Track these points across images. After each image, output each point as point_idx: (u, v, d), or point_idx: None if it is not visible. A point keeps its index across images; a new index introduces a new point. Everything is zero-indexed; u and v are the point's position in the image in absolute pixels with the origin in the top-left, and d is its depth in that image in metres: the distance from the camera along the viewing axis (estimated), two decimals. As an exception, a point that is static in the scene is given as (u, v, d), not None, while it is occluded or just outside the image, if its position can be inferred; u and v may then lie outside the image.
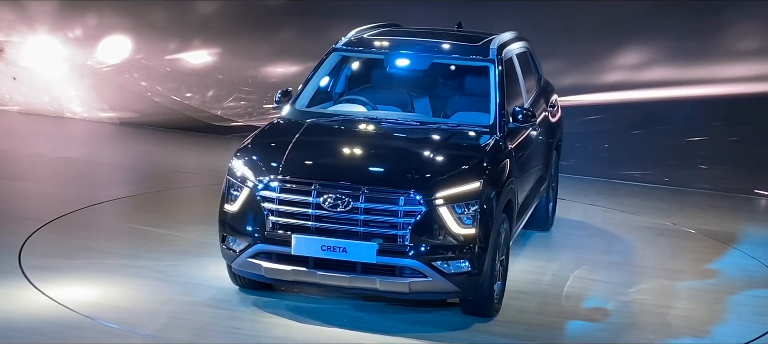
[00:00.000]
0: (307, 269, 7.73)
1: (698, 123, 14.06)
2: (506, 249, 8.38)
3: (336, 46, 9.54)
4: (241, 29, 15.57)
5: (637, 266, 10.02)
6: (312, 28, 15.05)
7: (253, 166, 7.99)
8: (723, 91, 14.08)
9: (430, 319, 8.12)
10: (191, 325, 7.81)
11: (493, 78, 8.99)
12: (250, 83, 15.46)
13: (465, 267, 7.70)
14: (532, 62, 10.67)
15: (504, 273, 8.39)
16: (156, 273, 8.79)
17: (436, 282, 7.66)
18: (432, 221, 7.62)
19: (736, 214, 12.39)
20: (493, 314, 8.18)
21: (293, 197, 7.76)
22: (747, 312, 8.85)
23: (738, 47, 14.08)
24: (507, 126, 8.71)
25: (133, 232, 10.01)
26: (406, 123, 8.81)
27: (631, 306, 8.84)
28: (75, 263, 8.93)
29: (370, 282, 7.67)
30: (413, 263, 7.61)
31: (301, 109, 9.04)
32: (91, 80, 15.90)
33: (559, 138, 11.11)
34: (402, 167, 7.89)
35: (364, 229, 7.64)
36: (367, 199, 7.64)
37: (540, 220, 10.69)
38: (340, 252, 7.62)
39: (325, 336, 7.68)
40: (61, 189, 11.73)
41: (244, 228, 7.90)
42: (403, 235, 7.60)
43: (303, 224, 7.73)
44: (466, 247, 7.68)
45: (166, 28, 15.76)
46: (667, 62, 14.15)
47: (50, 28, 15.94)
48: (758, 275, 9.92)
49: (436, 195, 7.66)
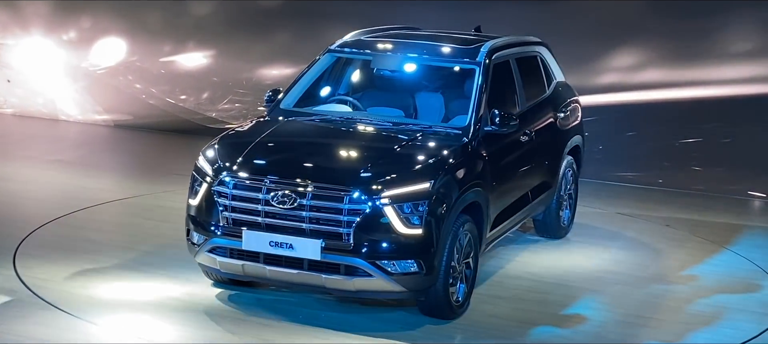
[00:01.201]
0: (258, 264, 7.83)
1: (692, 124, 14.07)
2: (474, 252, 8.35)
3: (331, 47, 9.62)
4: (236, 31, 15.57)
5: (629, 268, 10.01)
6: (307, 30, 15.05)
7: (212, 162, 8.15)
8: (717, 92, 14.09)
9: (390, 318, 8.16)
10: (187, 327, 7.81)
11: (476, 81, 8.97)
12: (245, 85, 15.45)
13: (412, 268, 7.73)
14: (543, 67, 10.49)
15: (473, 276, 8.38)
16: (150, 276, 8.79)
17: (380, 282, 7.70)
18: (377, 220, 7.67)
19: (730, 216, 12.40)
20: (453, 316, 8.17)
21: (245, 193, 7.87)
22: (742, 313, 8.86)
23: (732, 49, 14.10)
24: (482, 129, 8.67)
25: (128, 235, 10.01)
26: (378, 123, 8.83)
27: (614, 310, 8.80)
28: (70, 265, 8.93)
29: (317, 279, 7.76)
30: (357, 261, 7.66)
31: (285, 109, 9.15)
32: (86, 82, 15.89)
33: (575, 144, 10.77)
34: (351, 166, 8.01)
35: (311, 226, 7.70)
36: (313, 197, 7.72)
37: (551, 228, 10.52)
38: (287, 248, 7.72)
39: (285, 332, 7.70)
40: (56, 192, 11.73)
41: (202, 223, 8.05)
42: (348, 233, 7.65)
43: (253, 220, 7.81)
44: (412, 247, 7.71)
45: (161, 31, 15.76)
46: (661, 64, 14.17)
47: (45, 31, 15.93)
48: (753, 276, 9.93)
49: (382, 194, 7.69)
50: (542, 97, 10.26)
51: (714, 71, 14.13)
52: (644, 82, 14.15)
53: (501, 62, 9.45)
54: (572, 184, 10.79)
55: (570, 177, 10.70)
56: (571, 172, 10.71)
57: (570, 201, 10.78)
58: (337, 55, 9.62)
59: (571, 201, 10.80)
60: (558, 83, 10.72)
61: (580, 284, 9.39)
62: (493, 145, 8.78)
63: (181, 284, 8.62)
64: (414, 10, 14.22)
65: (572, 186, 10.80)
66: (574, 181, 10.83)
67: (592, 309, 8.74)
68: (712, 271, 10.03)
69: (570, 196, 10.76)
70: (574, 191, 10.88)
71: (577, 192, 10.95)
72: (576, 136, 10.82)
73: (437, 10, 14.23)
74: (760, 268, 10.15)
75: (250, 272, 7.93)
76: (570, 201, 10.78)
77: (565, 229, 10.73)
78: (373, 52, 9.50)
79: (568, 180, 10.62)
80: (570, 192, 10.74)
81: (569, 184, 10.69)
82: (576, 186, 10.92)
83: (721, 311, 8.88)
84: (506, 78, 9.54)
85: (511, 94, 9.57)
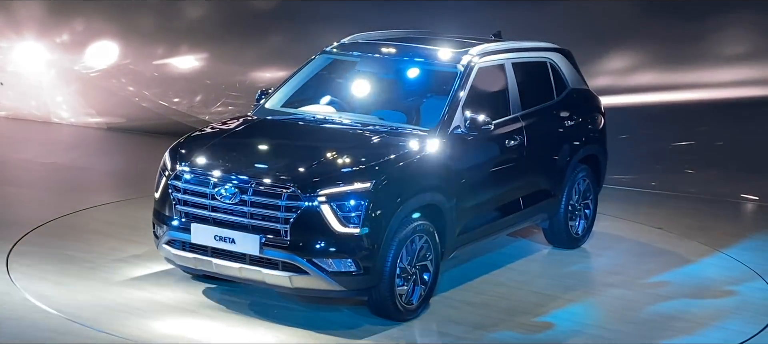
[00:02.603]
0: (206, 257, 8.01)
1: (685, 127, 14.10)
2: (434, 255, 8.31)
3: (325, 49, 9.73)
4: (229, 34, 15.57)
5: (619, 273, 10.02)
6: (300, 33, 15.05)
7: (173, 158, 8.36)
8: (710, 95, 14.12)
9: (331, 317, 8.21)
10: (180, 329, 7.81)
11: (453, 84, 8.95)
12: (238, 88, 15.45)
13: (349, 267, 7.77)
14: (554, 74, 10.25)
15: (432, 279, 8.35)
16: (144, 278, 8.79)
17: (316, 279, 7.77)
18: (313, 218, 7.73)
19: (722, 218, 12.42)
20: (403, 318, 8.17)
21: (194, 187, 8.07)
22: (735, 314, 8.87)
23: (724, 52, 14.13)
24: (450, 132, 8.63)
25: (121, 237, 9.99)
26: (346, 124, 8.86)
27: (591, 317, 8.72)
28: (62, 268, 8.92)
29: (257, 274, 7.89)
30: (292, 258, 7.74)
31: (268, 108, 9.28)
32: (79, 85, 15.87)
33: (591, 153, 10.47)
34: (294, 164, 8.05)
35: (252, 222, 7.82)
36: (255, 193, 7.83)
37: (559, 237, 10.31)
38: (230, 242, 7.87)
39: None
40: (49, 195, 11.71)
41: (162, 216, 8.28)
42: (286, 230, 7.73)
43: (202, 214, 8.00)
44: (349, 247, 7.75)
45: (154, 33, 15.75)
46: (654, 67, 14.20)
47: (37, 33, 15.92)
48: (745, 279, 9.94)
49: (319, 192, 7.75)
50: (547, 103, 10.06)
51: (707, 74, 14.16)
52: (637, 85, 14.17)
53: (490, 67, 9.39)
54: (589, 195, 10.53)
55: (584, 187, 10.44)
56: (586, 182, 10.43)
57: (585, 212, 10.49)
58: (329, 57, 9.71)
59: (588, 212, 10.53)
60: (573, 91, 10.45)
61: (562, 291, 9.26)
62: (464, 148, 8.73)
63: (174, 286, 8.62)
64: (408, 13, 14.23)
65: (591, 196, 10.54)
66: (591, 192, 10.56)
67: (567, 318, 8.60)
68: (704, 274, 10.05)
69: (587, 206, 10.50)
70: (592, 201, 10.61)
71: (595, 203, 10.68)
72: (592, 146, 10.50)
73: (429, 12, 14.24)
74: (753, 271, 10.16)
75: (200, 265, 8.11)
76: (585, 211, 10.49)
77: (578, 240, 10.47)
78: (362, 54, 9.56)
79: (580, 190, 10.36)
80: (587, 202, 10.49)
81: (583, 194, 10.42)
82: (595, 197, 10.64)
83: (714, 314, 8.89)
84: (497, 82, 9.46)
85: (502, 98, 9.47)
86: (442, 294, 8.82)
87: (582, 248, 10.56)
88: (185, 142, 8.62)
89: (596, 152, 10.63)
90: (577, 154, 10.23)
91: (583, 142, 10.35)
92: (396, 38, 9.96)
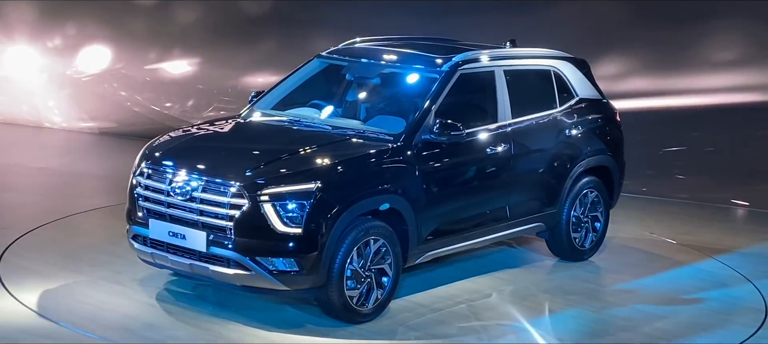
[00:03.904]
0: (162, 252, 8.17)
1: (675, 133, 14.14)
2: (394, 259, 8.28)
3: (321, 54, 9.83)
4: (221, 39, 15.59)
5: (605, 277, 10.04)
6: (292, 37, 15.08)
7: (141, 156, 8.55)
8: (700, 101, 14.18)
9: (285, 316, 8.25)
10: (171, 333, 7.81)
11: (430, 89, 8.92)
12: (230, 93, 15.47)
13: (292, 267, 7.83)
14: (558, 83, 10.03)
15: (392, 283, 8.32)
16: (135, 283, 8.79)
17: (259, 278, 7.85)
18: (256, 217, 7.81)
19: (713, 224, 12.45)
20: (355, 320, 8.17)
21: (153, 184, 8.24)
22: (725, 319, 8.89)
23: (714, 58, 14.19)
24: (417, 136, 8.58)
25: (112, 242, 9.99)
26: (314, 127, 8.91)
27: (568, 325, 8.60)
28: (54, 273, 8.92)
29: (206, 270, 7.97)
30: (235, 255, 7.83)
31: (256, 110, 9.42)
32: (71, 90, 15.87)
33: (600, 164, 10.23)
34: (243, 163, 8.11)
35: (201, 219, 7.95)
36: (204, 190, 7.94)
37: (561, 249, 10.12)
38: (181, 238, 8.02)
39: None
40: (41, 199, 11.70)
41: (129, 212, 8.49)
42: (230, 228, 7.83)
43: (158, 210, 8.17)
44: (291, 246, 7.80)
45: (146, 38, 15.76)
46: (645, 73, 14.25)
47: (29, 38, 15.92)
48: (736, 284, 9.97)
49: (262, 191, 7.81)
50: (546, 112, 9.84)
51: (697, 80, 14.21)
52: (628, 91, 14.21)
53: (475, 73, 9.29)
54: (600, 207, 10.31)
55: (592, 199, 10.21)
56: (594, 194, 10.22)
57: (592, 225, 10.27)
58: (325, 61, 9.77)
59: (597, 225, 10.31)
60: (581, 100, 10.20)
61: (542, 298, 9.15)
62: (434, 154, 8.67)
63: (166, 290, 8.62)
64: (402, 17, 14.26)
65: (601, 209, 10.32)
66: (602, 205, 10.33)
67: (541, 325, 8.48)
68: (694, 280, 10.06)
69: (595, 219, 10.28)
70: (602, 215, 10.37)
71: (606, 216, 10.41)
72: (600, 157, 10.25)
73: (419, 17, 14.27)
74: (743, 276, 10.19)
75: (158, 260, 8.26)
76: (593, 224, 10.27)
77: (583, 252, 10.25)
78: (350, 59, 9.64)
79: (587, 202, 10.17)
80: (595, 215, 10.27)
81: (591, 207, 10.21)
82: (605, 210, 10.38)
83: (704, 319, 8.91)
84: (483, 90, 9.37)
85: (489, 106, 9.36)
86: (409, 298, 8.78)
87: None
88: (156, 140, 8.81)
89: (607, 164, 10.36)
90: (579, 165, 10.00)
91: (588, 153, 10.11)
92: (391, 43, 9.95)
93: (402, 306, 8.63)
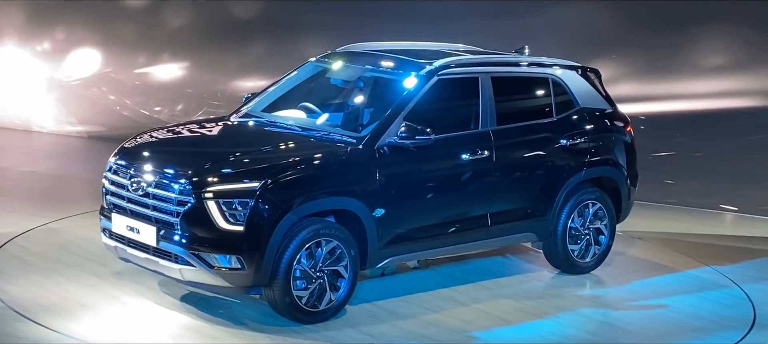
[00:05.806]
0: (124, 246, 8.41)
1: (664, 138, 14.16)
2: (350, 262, 8.26)
3: (315, 57, 9.95)
4: (211, 43, 15.59)
5: (592, 283, 10.04)
6: (281, 42, 15.09)
7: (114, 151, 8.77)
8: (689, 106, 14.21)
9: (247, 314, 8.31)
10: (161, 335, 7.81)
11: (402, 93, 8.89)
12: (220, 97, 15.46)
13: (235, 264, 7.91)
14: (555, 91, 9.82)
15: (349, 285, 8.31)
16: (125, 287, 8.78)
17: (203, 273, 7.98)
18: (200, 213, 7.93)
19: (702, 229, 12.48)
20: (305, 320, 8.18)
21: (115, 178, 8.50)
22: (713, 324, 8.91)
23: (703, 63, 14.23)
24: (383, 139, 8.53)
25: (101, 246, 9.98)
26: (283, 128, 8.97)
27: (546, 335, 8.52)
28: (44, 277, 8.90)
29: (156, 264, 8.17)
30: (180, 251, 7.97)
31: (245, 111, 9.54)
32: (59, 93, 15.85)
33: (602, 175, 10.02)
34: (193, 161, 8.25)
35: (154, 214, 8.13)
36: (155, 186, 8.13)
37: (558, 260, 9.92)
38: (136, 232, 8.24)
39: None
40: (29, 203, 11.68)
41: (100, 207, 8.76)
42: (176, 223, 7.97)
43: (120, 204, 8.42)
44: (233, 244, 7.90)
45: (135, 42, 15.75)
46: (634, 78, 14.27)
47: (18, 41, 15.89)
48: (724, 288, 9.98)
49: (206, 188, 7.92)
50: (539, 121, 9.66)
51: (686, 85, 14.24)
52: (616, 96, 14.18)
53: (456, 79, 9.17)
54: (602, 220, 10.04)
55: (592, 211, 9.95)
56: (597, 206, 9.96)
57: (596, 238, 10.02)
58: (317, 66, 9.84)
59: (601, 237, 10.05)
60: (582, 110, 9.97)
61: (523, 306, 9.07)
62: (400, 158, 8.58)
63: (156, 293, 8.62)
64: (396, 22, 14.27)
65: (604, 221, 10.04)
66: (606, 217, 10.05)
67: (504, 336, 8.39)
68: (682, 285, 10.08)
69: (599, 232, 10.03)
70: (607, 228, 10.08)
71: (611, 229, 10.11)
72: (602, 168, 9.99)
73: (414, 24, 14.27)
74: (733, 282, 10.21)
75: (120, 253, 8.50)
76: (596, 237, 10.03)
77: (584, 265, 10.02)
78: (339, 62, 9.72)
79: (587, 214, 9.91)
80: (598, 228, 10.01)
81: (591, 219, 9.96)
82: (610, 223, 10.09)
83: (691, 324, 8.93)
84: (464, 96, 9.24)
85: (471, 112, 9.21)
86: (374, 303, 8.75)
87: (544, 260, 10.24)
88: (131, 138, 8.98)
89: (611, 175, 10.10)
90: (576, 175, 9.76)
91: (587, 164, 9.85)
92: (384, 49, 9.92)
93: (365, 309, 8.58)
